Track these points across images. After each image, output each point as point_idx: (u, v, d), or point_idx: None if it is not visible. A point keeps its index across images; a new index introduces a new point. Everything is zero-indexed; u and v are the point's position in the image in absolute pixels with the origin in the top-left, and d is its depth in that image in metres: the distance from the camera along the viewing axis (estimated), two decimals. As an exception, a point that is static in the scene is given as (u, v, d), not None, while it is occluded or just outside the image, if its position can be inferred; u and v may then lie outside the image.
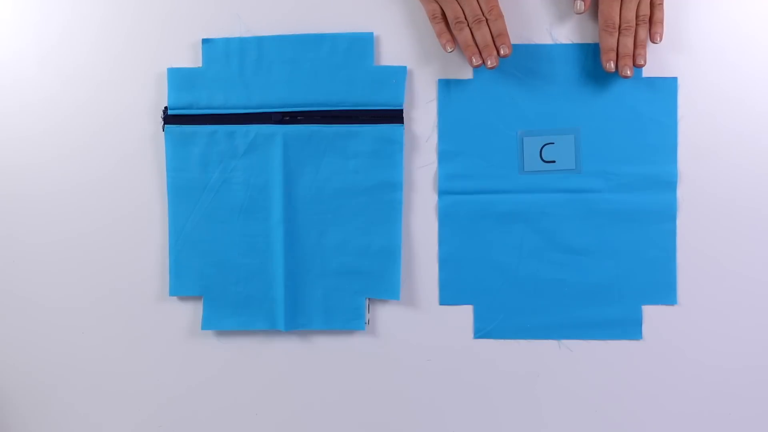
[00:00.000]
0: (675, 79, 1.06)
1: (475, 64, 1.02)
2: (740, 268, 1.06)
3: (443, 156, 1.07)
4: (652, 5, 1.02)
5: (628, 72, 1.01)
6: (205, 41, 1.06)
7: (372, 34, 1.07)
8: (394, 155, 1.06)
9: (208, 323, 1.08)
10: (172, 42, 1.08)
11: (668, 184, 1.06)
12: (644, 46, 1.02)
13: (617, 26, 1.01)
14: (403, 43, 1.07)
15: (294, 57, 1.06)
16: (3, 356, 1.11)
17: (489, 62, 1.02)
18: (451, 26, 1.03)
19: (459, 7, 1.02)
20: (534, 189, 1.07)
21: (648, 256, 1.06)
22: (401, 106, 1.06)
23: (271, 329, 1.08)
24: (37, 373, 1.11)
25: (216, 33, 1.07)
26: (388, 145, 1.06)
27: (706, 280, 1.06)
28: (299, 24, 1.07)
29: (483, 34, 1.02)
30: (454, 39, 1.04)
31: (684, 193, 1.06)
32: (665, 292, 1.07)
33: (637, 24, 1.02)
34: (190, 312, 1.09)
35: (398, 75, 1.06)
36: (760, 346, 1.07)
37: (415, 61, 1.07)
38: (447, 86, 1.07)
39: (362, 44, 1.06)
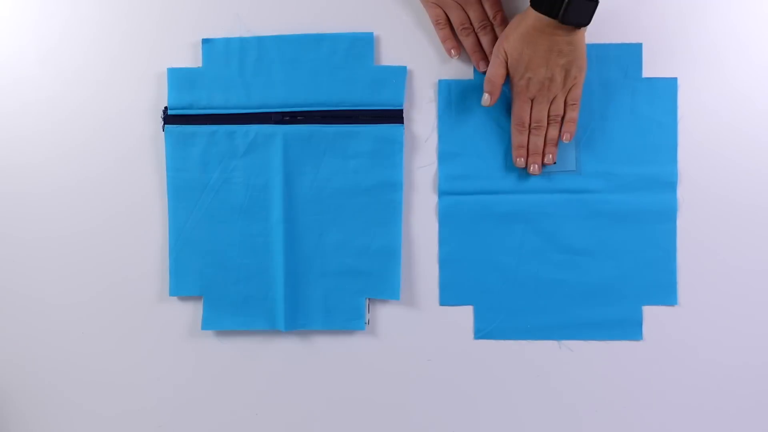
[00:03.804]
0: (675, 79, 1.06)
1: (482, 69, 1.04)
2: (740, 268, 1.06)
3: (443, 157, 1.07)
4: (565, 105, 1.03)
5: (536, 168, 1.04)
6: (205, 41, 1.06)
7: (372, 34, 1.06)
8: (394, 155, 1.06)
9: (208, 323, 1.08)
10: (172, 42, 1.08)
11: (668, 184, 1.06)
12: (555, 144, 1.04)
13: (527, 126, 1.03)
14: (403, 43, 1.07)
15: (294, 57, 1.06)
16: (3, 356, 1.11)
17: None
18: (457, 32, 1.04)
19: (464, 12, 1.03)
20: (534, 189, 1.07)
21: (648, 256, 1.06)
22: (401, 106, 1.06)
23: (271, 329, 1.08)
24: (37, 372, 1.11)
25: (216, 33, 1.07)
26: (388, 145, 1.06)
27: (706, 281, 1.06)
28: (299, 24, 1.07)
29: (489, 40, 1.04)
30: (459, 45, 1.05)
31: (684, 193, 1.06)
32: (665, 293, 1.07)
33: (548, 123, 1.03)
34: (190, 312, 1.09)
35: (398, 75, 1.06)
36: (760, 346, 1.06)
37: (415, 61, 1.07)
38: (447, 87, 1.07)
39: (362, 44, 1.06)
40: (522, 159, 1.04)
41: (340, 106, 1.06)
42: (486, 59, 1.04)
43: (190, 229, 1.07)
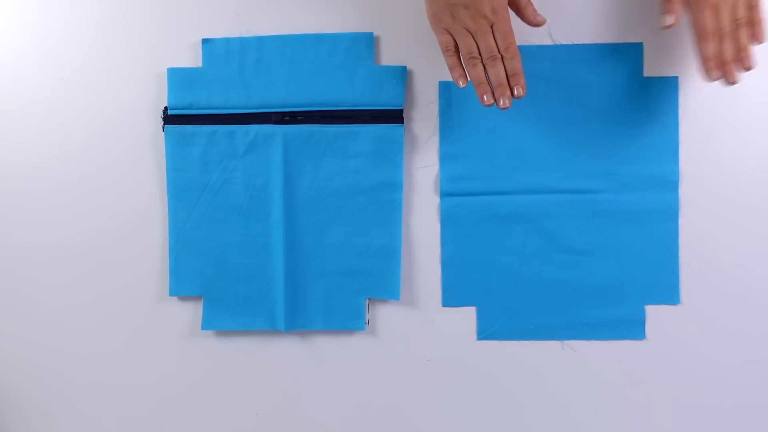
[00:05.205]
0: (676, 78, 1.06)
1: (486, 103, 0.97)
2: (743, 267, 1.06)
3: (445, 158, 1.07)
4: (747, 9, 0.95)
5: (735, 78, 0.94)
6: (205, 41, 1.07)
7: (372, 34, 1.07)
8: (394, 155, 1.06)
9: (208, 323, 1.08)
10: (172, 42, 1.08)
11: (670, 183, 1.05)
12: (747, 49, 0.95)
13: (715, 33, 0.94)
14: (403, 43, 1.07)
15: (294, 57, 1.06)
16: (3, 355, 1.11)
17: (501, 102, 0.96)
18: (464, 61, 0.98)
19: (474, 41, 0.97)
20: (536, 190, 1.06)
21: (651, 255, 1.06)
22: (401, 106, 1.06)
23: (271, 329, 1.07)
24: (37, 372, 1.11)
25: (216, 33, 1.07)
26: (388, 145, 1.06)
27: (709, 280, 1.06)
28: (299, 24, 1.07)
29: (497, 73, 0.96)
30: (467, 74, 0.99)
31: (686, 192, 1.06)
32: (668, 292, 1.06)
33: (735, 27, 0.95)
34: (190, 312, 1.09)
35: (398, 75, 1.06)
36: (763, 344, 1.06)
37: (415, 61, 1.07)
38: (447, 88, 1.07)
39: (362, 44, 1.06)
40: (715, 72, 0.94)
41: (340, 106, 1.06)
42: (490, 92, 0.97)
43: (190, 229, 1.07)
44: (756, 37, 0.95)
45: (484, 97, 0.97)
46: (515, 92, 0.96)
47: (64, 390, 1.11)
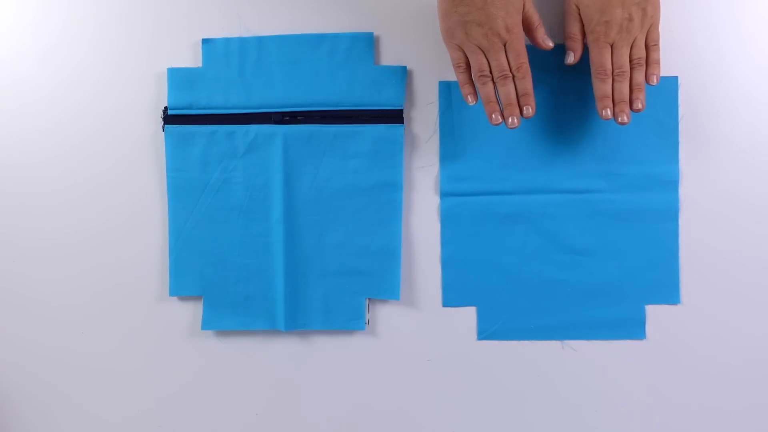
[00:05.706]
0: (676, 78, 1.06)
1: (495, 122, 0.98)
2: (743, 267, 1.06)
3: (445, 158, 1.07)
4: (647, 47, 0.99)
5: (625, 118, 0.97)
6: (205, 41, 1.07)
7: (372, 34, 1.07)
8: (394, 155, 1.06)
9: (208, 323, 1.08)
10: (172, 42, 1.08)
11: (670, 183, 1.05)
12: (641, 90, 0.98)
13: (610, 73, 0.97)
14: (403, 43, 1.07)
15: (294, 57, 1.06)
16: (3, 356, 1.11)
17: (510, 121, 0.97)
18: (474, 78, 0.98)
19: (485, 59, 0.97)
20: (536, 190, 1.06)
21: (651, 255, 1.06)
22: (401, 106, 1.06)
23: (271, 329, 1.07)
24: (37, 372, 1.11)
25: (216, 33, 1.07)
26: (388, 145, 1.06)
27: (709, 279, 1.06)
28: (299, 24, 1.07)
29: (507, 92, 0.97)
30: (477, 91, 1.00)
31: (686, 192, 1.06)
32: (668, 292, 1.06)
33: (632, 68, 0.98)
34: (190, 312, 1.09)
35: (398, 75, 1.06)
36: (763, 344, 1.06)
37: (415, 61, 1.07)
38: (448, 88, 1.07)
39: (362, 44, 1.06)
40: (608, 110, 0.97)
41: (340, 106, 1.06)
42: (499, 111, 0.98)
43: (190, 229, 1.07)
44: (650, 79, 0.99)
45: (493, 116, 0.98)
46: (524, 112, 0.97)
47: (64, 390, 1.11)
